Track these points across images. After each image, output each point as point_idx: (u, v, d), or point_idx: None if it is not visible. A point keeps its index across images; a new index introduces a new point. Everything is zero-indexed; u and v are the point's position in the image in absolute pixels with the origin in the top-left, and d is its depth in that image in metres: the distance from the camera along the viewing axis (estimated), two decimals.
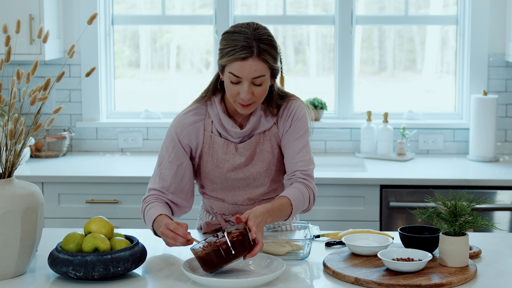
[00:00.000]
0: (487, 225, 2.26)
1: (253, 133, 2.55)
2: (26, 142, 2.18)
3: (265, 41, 2.38)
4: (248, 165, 2.56)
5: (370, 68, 4.63)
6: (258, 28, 2.40)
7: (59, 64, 4.29)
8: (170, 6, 4.52)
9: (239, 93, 2.41)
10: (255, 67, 2.37)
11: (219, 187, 2.60)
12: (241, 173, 2.56)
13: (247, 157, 2.55)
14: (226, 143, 2.55)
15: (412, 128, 4.33)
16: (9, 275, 2.16)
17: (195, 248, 2.16)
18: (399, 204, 3.72)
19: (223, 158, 2.55)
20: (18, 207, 2.11)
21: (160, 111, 4.49)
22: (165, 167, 2.56)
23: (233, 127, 2.52)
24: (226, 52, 2.39)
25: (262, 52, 2.37)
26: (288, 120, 2.55)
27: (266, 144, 2.56)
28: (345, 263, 2.26)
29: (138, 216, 3.79)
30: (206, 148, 2.56)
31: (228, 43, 2.39)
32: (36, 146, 4.24)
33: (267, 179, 2.59)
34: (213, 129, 2.55)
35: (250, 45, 2.36)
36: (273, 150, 2.57)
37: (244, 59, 2.36)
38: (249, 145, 2.55)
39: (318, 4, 4.58)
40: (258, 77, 2.38)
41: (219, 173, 2.56)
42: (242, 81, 2.39)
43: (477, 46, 4.27)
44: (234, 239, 2.12)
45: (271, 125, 2.56)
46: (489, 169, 3.98)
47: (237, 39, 2.37)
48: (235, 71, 2.38)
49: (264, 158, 2.56)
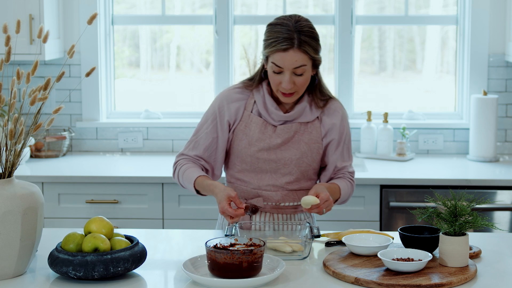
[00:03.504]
0: (487, 225, 2.26)
1: (295, 121, 2.64)
2: (26, 142, 2.18)
3: (306, 33, 2.51)
4: (282, 148, 2.63)
5: (370, 68, 4.63)
6: (300, 20, 2.54)
7: (59, 64, 4.29)
8: (170, 6, 4.52)
9: (281, 82, 2.53)
10: (295, 57, 2.49)
11: (247, 168, 2.66)
12: (273, 154, 2.63)
13: (283, 139, 2.63)
14: (264, 123, 2.64)
15: (412, 128, 4.33)
16: (9, 275, 2.16)
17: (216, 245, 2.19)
18: (399, 204, 3.72)
19: (259, 137, 2.63)
20: (18, 207, 2.11)
21: (160, 111, 4.49)
22: (201, 137, 2.67)
23: (276, 109, 2.62)
24: (268, 44, 2.52)
25: (303, 43, 2.49)
26: (334, 126, 2.66)
27: (306, 135, 2.65)
28: (345, 263, 2.26)
29: (138, 216, 3.79)
30: (242, 126, 2.65)
31: (270, 34, 2.53)
32: (36, 146, 4.24)
33: (296, 168, 2.65)
34: (253, 109, 2.65)
35: (291, 37, 2.49)
36: (310, 143, 2.65)
37: (285, 50, 2.49)
38: (288, 129, 2.64)
39: (318, 4, 4.58)
40: (299, 67, 2.51)
41: (251, 151, 2.63)
42: (283, 71, 2.51)
43: (477, 46, 4.27)
44: (250, 260, 2.11)
45: (314, 118, 2.65)
46: (489, 169, 3.98)
47: (279, 31, 2.51)
48: (277, 62, 2.50)
49: (300, 147, 2.64)
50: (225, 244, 2.23)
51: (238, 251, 2.10)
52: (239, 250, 2.11)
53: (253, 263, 2.11)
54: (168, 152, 4.41)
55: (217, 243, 2.22)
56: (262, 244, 2.20)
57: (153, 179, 3.77)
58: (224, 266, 2.10)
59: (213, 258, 2.12)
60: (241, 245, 2.23)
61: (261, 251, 2.14)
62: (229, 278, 2.10)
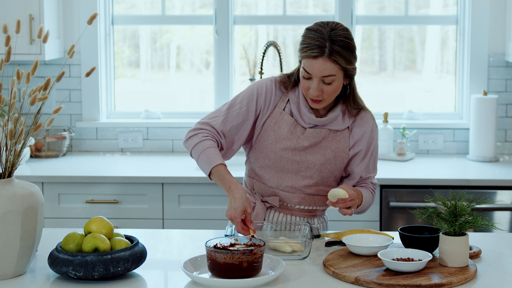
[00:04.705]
0: (487, 225, 2.26)
1: (325, 127, 2.62)
2: (26, 142, 2.18)
3: (340, 43, 2.46)
4: (307, 151, 2.61)
5: (370, 68, 4.63)
6: (336, 29, 2.48)
7: (59, 64, 4.29)
8: (170, 6, 4.52)
9: (309, 88, 2.50)
10: (324, 66, 2.45)
11: (270, 164, 2.63)
12: (298, 156, 2.61)
13: (311, 143, 2.61)
14: (294, 123, 2.61)
15: (412, 128, 4.33)
16: (9, 275, 2.16)
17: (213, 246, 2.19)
18: (399, 204, 3.72)
19: (287, 136, 2.60)
20: (18, 207, 2.11)
21: (160, 111, 4.49)
22: (233, 114, 2.61)
23: (309, 111, 2.60)
24: (301, 48, 2.50)
25: (334, 53, 2.44)
26: (363, 137, 2.64)
27: (333, 143, 2.62)
28: (345, 263, 2.26)
29: (138, 216, 3.79)
30: (272, 123, 2.62)
31: (305, 40, 2.49)
32: (36, 146, 4.24)
33: (318, 173, 2.63)
34: (286, 108, 2.63)
35: (323, 45, 2.45)
36: (336, 151, 2.62)
37: (315, 58, 2.45)
38: (317, 134, 2.61)
39: (318, 4, 4.58)
40: (327, 76, 2.46)
41: (276, 148, 2.61)
42: (312, 77, 2.48)
43: (477, 46, 4.27)
44: (250, 260, 2.11)
45: (345, 127, 2.63)
46: (489, 169, 3.98)
47: (313, 37, 2.47)
48: (306, 68, 2.48)
49: (326, 153, 2.62)
50: (225, 244, 2.23)
51: (238, 251, 2.10)
52: (239, 250, 2.11)
53: (253, 263, 2.11)
54: (168, 152, 4.41)
55: (217, 243, 2.22)
56: (262, 244, 2.20)
57: (153, 179, 3.77)
58: (224, 266, 2.10)
59: (213, 258, 2.12)
60: (241, 245, 2.23)
61: (261, 251, 2.14)
62: (229, 278, 2.10)
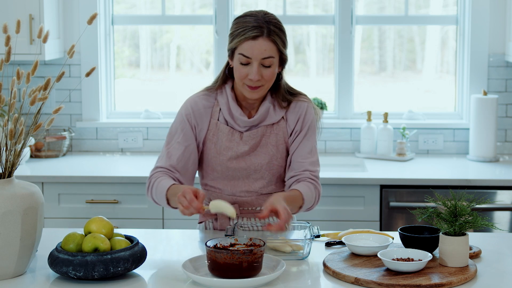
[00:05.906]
0: (487, 225, 2.26)
1: (260, 125, 2.61)
2: (26, 142, 2.18)
3: (275, 24, 2.50)
4: (250, 155, 2.60)
5: (370, 68, 4.63)
6: (268, 13, 2.53)
7: (59, 64, 4.29)
8: (170, 6, 4.52)
9: (248, 74, 2.48)
10: (264, 46, 2.46)
11: (219, 176, 2.63)
12: (242, 162, 2.60)
13: (251, 146, 2.60)
14: (231, 131, 2.60)
15: (412, 128, 4.33)
16: (9, 275, 2.16)
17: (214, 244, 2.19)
18: (399, 204, 3.72)
19: (227, 146, 2.59)
20: (18, 207, 2.11)
21: (160, 111, 4.49)
22: (173, 147, 2.61)
23: (241, 115, 2.59)
24: (237, 34, 2.49)
25: (272, 33, 2.48)
26: (299, 120, 2.62)
27: (272, 137, 2.61)
28: (345, 263, 2.26)
29: (138, 216, 3.79)
30: (210, 135, 2.61)
31: (239, 25, 2.50)
32: (36, 146, 4.24)
33: (268, 172, 2.62)
34: (219, 117, 2.61)
35: (261, 26, 2.47)
36: (278, 144, 2.61)
37: (254, 38, 2.46)
38: (254, 135, 2.60)
39: (318, 4, 4.58)
40: (267, 58, 2.47)
41: (220, 160, 2.60)
42: (251, 61, 2.47)
43: (477, 46, 4.27)
44: (250, 260, 2.11)
45: (279, 118, 2.61)
46: (489, 169, 3.97)
47: (248, 21, 2.49)
48: (245, 51, 2.47)
49: (268, 150, 2.61)
50: (225, 244, 2.23)
51: (238, 251, 2.10)
52: (239, 250, 2.11)
53: (253, 263, 2.11)
54: None
55: (217, 243, 2.22)
56: (262, 244, 2.20)
57: None
58: (224, 266, 2.10)
59: (213, 258, 2.12)
60: (241, 245, 2.23)
61: (261, 251, 2.14)
62: (229, 278, 2.10)
